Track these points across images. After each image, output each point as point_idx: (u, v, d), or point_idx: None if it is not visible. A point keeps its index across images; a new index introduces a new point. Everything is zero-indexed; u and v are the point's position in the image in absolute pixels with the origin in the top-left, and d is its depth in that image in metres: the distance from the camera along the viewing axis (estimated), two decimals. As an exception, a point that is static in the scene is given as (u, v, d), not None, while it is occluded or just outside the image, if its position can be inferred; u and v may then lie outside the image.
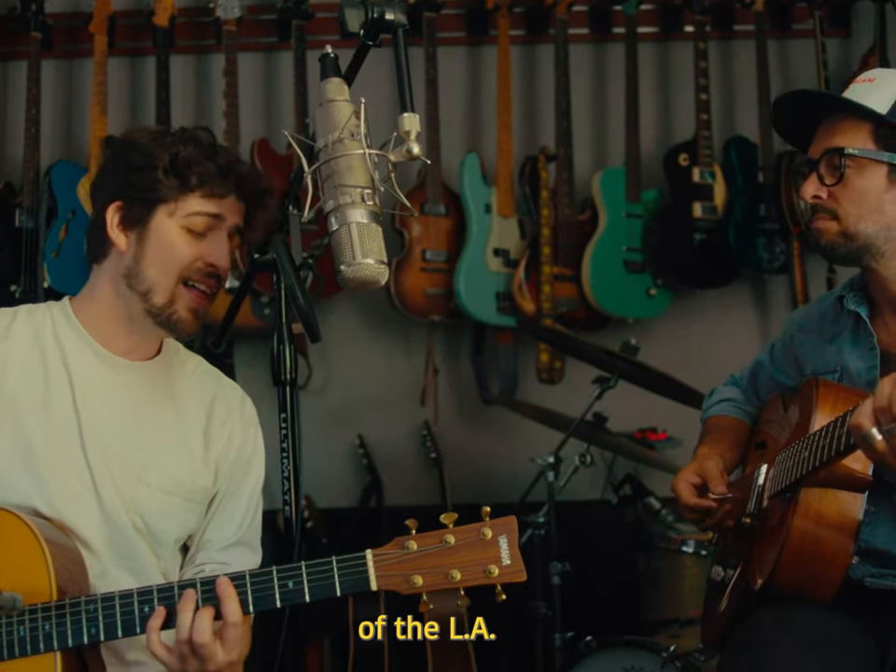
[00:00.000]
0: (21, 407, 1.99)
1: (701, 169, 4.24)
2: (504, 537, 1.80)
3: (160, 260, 2.02)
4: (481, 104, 4.50)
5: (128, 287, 2.04)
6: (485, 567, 1.78)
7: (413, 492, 4.28)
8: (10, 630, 1.80)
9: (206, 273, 2.04)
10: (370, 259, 1.62)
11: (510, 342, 4.31)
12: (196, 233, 2.03)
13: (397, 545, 1.80)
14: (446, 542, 1.79)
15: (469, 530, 1.80)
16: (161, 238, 2.02)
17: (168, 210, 2.02)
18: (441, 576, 1.78)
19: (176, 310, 2.03)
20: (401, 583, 1.79)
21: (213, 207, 2.03)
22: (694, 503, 2.34)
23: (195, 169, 2.00)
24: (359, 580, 1.79)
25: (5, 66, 4.46)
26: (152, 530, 2.07)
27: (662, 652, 2.76)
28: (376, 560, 1.79)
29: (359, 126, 1.67)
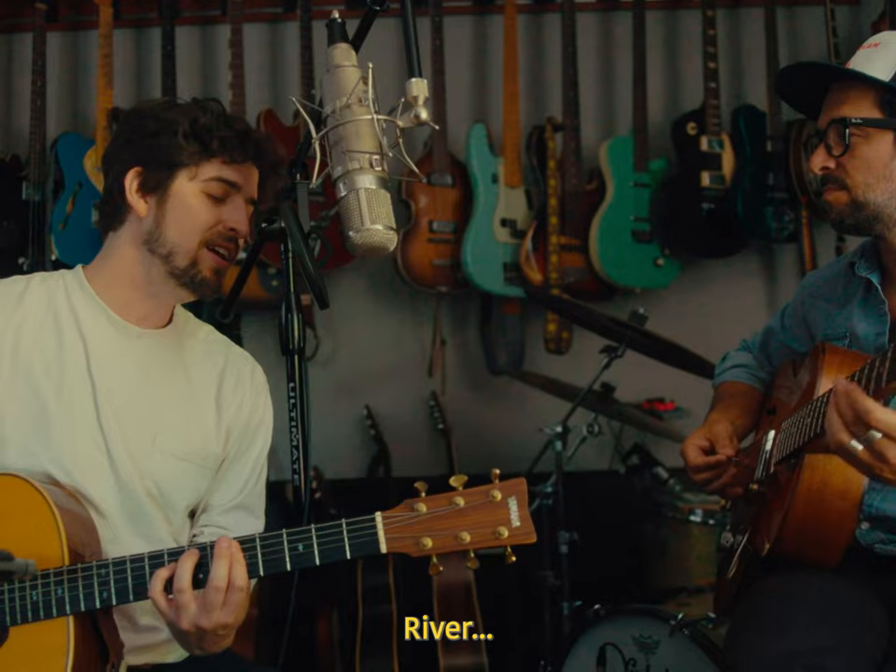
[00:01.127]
0: (36, 372, 2.00)
1: (709, 138, 4.22)
2: (514, 498, 1.79)
3: (180, 224, 2.04)
4: (487, 73, 4.48)
5: (149, 251, 2.05)
6: (495, 529, 1.78)
7: (420, 462, 4.29)
8: (24, 595, 1.81)
9: (226, 237, 2.06)
10: (378, 225, 1.62)
11: (517, 312, 4.31)
12: (215, 198, 2.05)
13: (406, 507, 1.80)
14: (455, 504, 1.78)
15: (478, 492, 1.80)
16: (182, 202, 2.04)
17: (189, 174, 2.04)
18: (451, 538, 1.78)
19: (200, 270, 2.05)
20: (411, 546, 1.79)
21: (232, 174, 2.05)
22: (702, 461, 2.35)
23: (216, 134, 2.03)
24: (369, 542, 1.79)
25: (10, 38, 4.46)
26: (165, 496, 2.08)
27: (670, 620, 2.75)
28: (385, 522, 1.79)
29: (367, 92, 1.67)
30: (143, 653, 2.04)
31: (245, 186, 2.08)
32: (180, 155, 2.03)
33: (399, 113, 1.65)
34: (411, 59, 1.65)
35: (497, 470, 1.81)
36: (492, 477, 1.80)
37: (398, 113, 1.66)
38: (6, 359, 1.99)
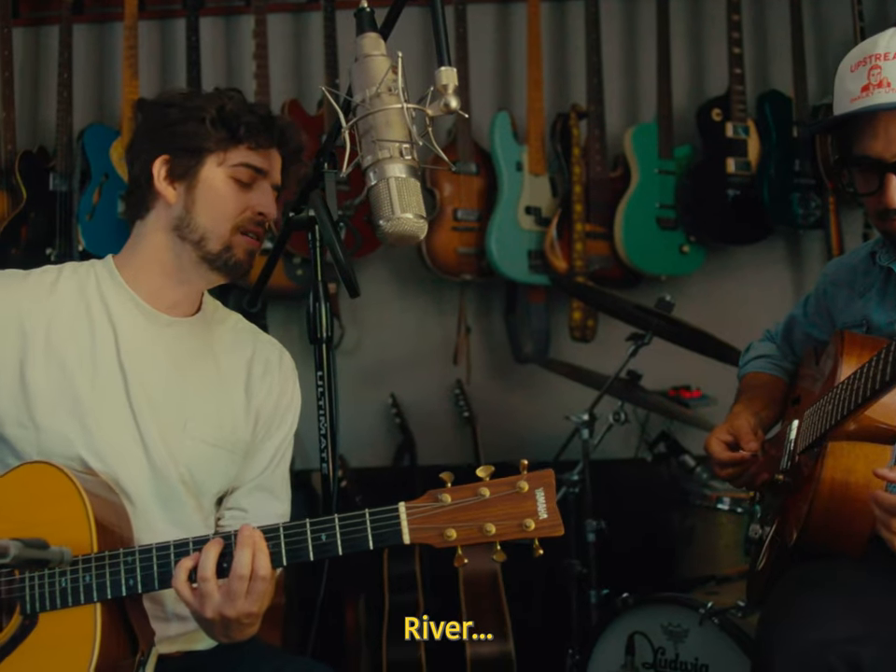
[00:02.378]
0: (69, 360, 2.02)
1: (734, 124, 4.20)
2: (541, 490, 1.77)
3: (211, 209, 2.05)
4: (511, 61, 4.47)
5: (179, 237, 2.07)
6: (521, 521, 1.75)
7: (445, 451, 4.29)
8: (52, 582, 1.83)
9: (256, 221, 2.08)
10: (408, 214, 1.62)
11: (542, 300, 4.31)
12: (242, 184, 2.06)
13: (430, 498, 1.78)
14: (481, 495, 1.76)
15: (504, 483, 1.77)
16: (211, 187, 2.05)
17: (217, 160, 2.05)
18: (476, 529, 1.76)
19: (234, 254, 2.07)
20: (435, 537, 1.77)
21: (258, 160, 2.07)
22: (727, 457, 2.34)
23: (242, 120, 2.05)
24: (392, 532, 1.78)
25: (36, 31, 4.47)
26: (197, 482, 2.09)
27: (699, 609, 2.75)
28: (409, 513, 1.78)
29: (397, 81, 1.66)
30: (173, 642, 2.05)
31: (270, 171, 2.10)
32: (208, 141, 2.04)
33: (428, 102, 1.65)
34: (440, 47, 1.65)
35: (526, 461, 1.78)
36: (520, 468, 1.78)
37: (427, 101, 1.65)
38: (39, 348, 2.01)
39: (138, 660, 1.86)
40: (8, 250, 4.06)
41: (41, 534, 1.73)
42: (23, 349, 2.00)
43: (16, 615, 1.83)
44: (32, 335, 2.01)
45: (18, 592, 1.83)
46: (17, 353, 2.00)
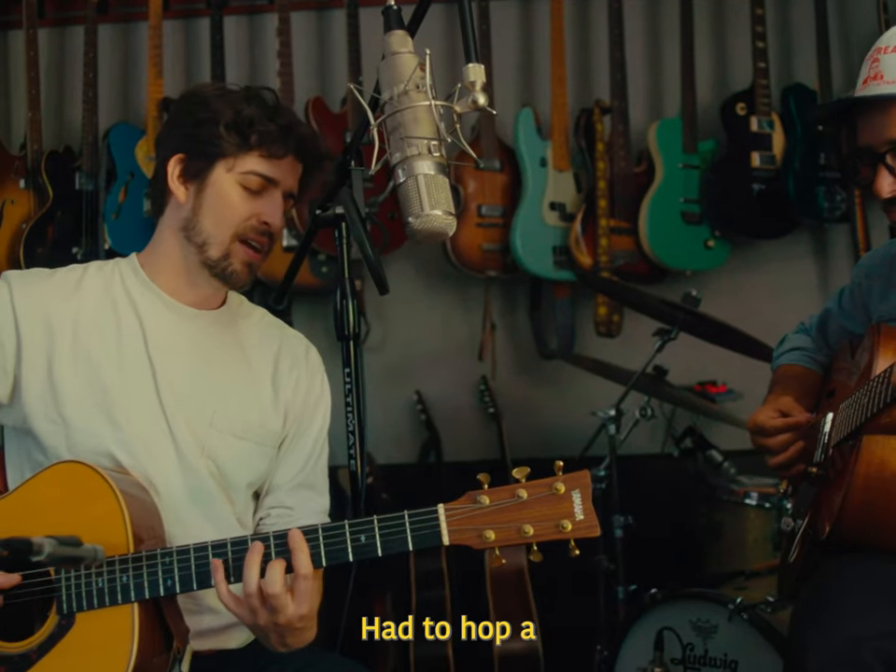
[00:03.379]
0: (97, 356, 2.03)
1: (759, 118, 4.18)
2: (577, 491, 1.78)
3: (215, 214, 2.06)
4: (534, 57, 4.46)
5: (186, 238, 2.08)
6: (558, 522, 1.76)
7: (471, 447, 4.30)
8: (89, 581, 1.84)
9: (260, 230, 2.08)
10: (437, 211, 1.62)
11: (567, 296, 4.30)
12: (251, 191, 2.06)
13: (468, 499, 1.79)
14: (518, 497, 1.77)
15: (541, 485, 1.78)
16: (219, 192, 2.06)
17: (227, 165, 2.06)
18: (514, 531, 1.77)
19: (231, 262, 2.07)
20: (473, 538, 1.78)
21: (269, 169, 2.07)
22: (781, 422, 2.32)
23: (256, 128, 2.04)
24: (431, 534, 1.79)
25: (62, 31, 4.50)
26: (226, 475, 2.10)
27: (728, 604, 2.75)
28: (448, 514, 1.79)
29: (425, 78, 1.66)
30: (206, 639, 2.06)
31: (282, 180, 2.09)
32: (220, 146, 2.05)
33: (455, 98, 1.65)
34: (467, 44, 1.64)
35: (561, 462, 1.79)
36: (555, 469, 1.79)
37: (454, 98, 1.65)
38: (66, 345, 2.02)
39: (173, 656, 1.88)
40: (35, 249, 4.08)
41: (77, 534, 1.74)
42: (51, 346, 2.02)
43: (52, 614, 1.85)
44: (59, 332, 2.03)
45: (54, 591, 1.85)
46: (44, 350, 2.01)
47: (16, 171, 4.19)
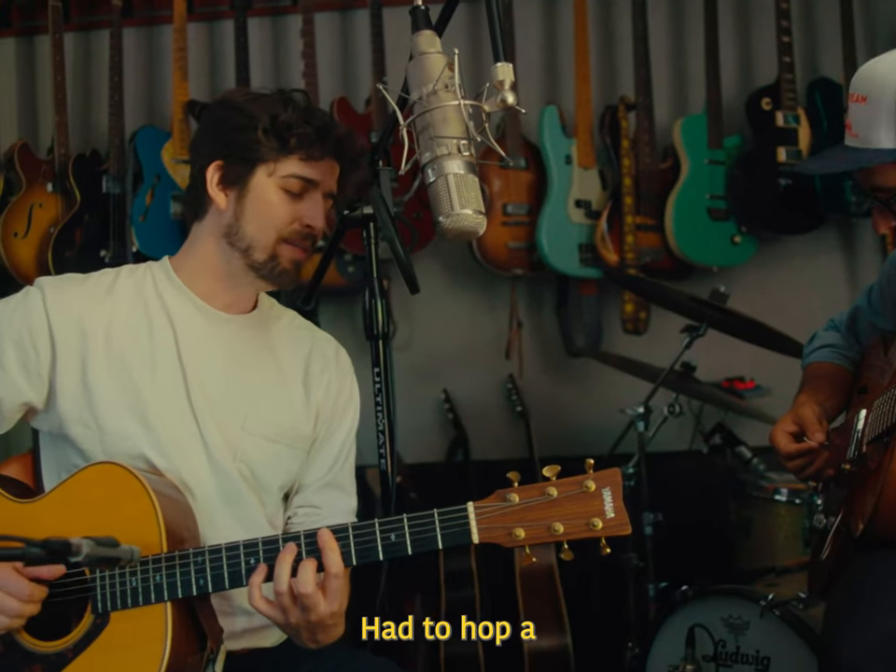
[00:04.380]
0: (129, 359, 2.05)
1: (785, 113, 4.16)
2: (608, 489, 1.77)
3: (258, 219, 2.07)
4: (557, 55, 4.46)
5: (228, 244, 2.09)
6: (588, 520, 1.76)
7: (499, 446, 4.30)
8: (124, 581, 1.85)
9: (303, 233, 2.09)
10: (468, 210, 1.62)
11: (593, 293, 4.29)
12: (292, 194, 2.07)
13: (498, 497, 1.79)
14: (548, 495, 1.77)
15: (571, 483, 1.78)
16: (260, 197, 2.06)
17: (267, 170, 2.06)
18: (544, 529, 1.77)
19: (279, 263, 2.08)
20: (503, 536, 1.78)
21: (309, 171, 2.07)
22: (794, 448, 2.32)
23: (294, 131, 2.04)
24: (461, 532, 1.79)
25: (87, 35, 4.53)
26: (258, 478, 2.11)
27: (760, 601, 2.74)
28: (478, 512, 1.79)
29: (453, 77, 1.66)
30: (240, 638, 2.07)
31: (322, 182, 2.10)
32: (259, 151, 2.05)
33: (484, 97, 1.65)
34: (495, 43, 1.65)
35: (591, 460, 1.78)
36: (586, 467, 1.79)
37: (483, 97, 1.66)
38: (99, 349, 2.04)
39: (207, 657, 1.89)
40: (63, 253, 4.11)
41: (111, 534, 1.75)
42: (84, 351, 2.03)
43: (87, 614, 1.86)
44: (92, 337, 2.04)
45: (89, 591, 1.87)
46: (78, 355, 2.03)
47: (43, 175, 4.22)
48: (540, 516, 1.77)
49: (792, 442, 2.33)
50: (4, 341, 2.01)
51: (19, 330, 2.01)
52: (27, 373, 2.01)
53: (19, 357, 2.01)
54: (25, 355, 2.01)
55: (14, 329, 2.02)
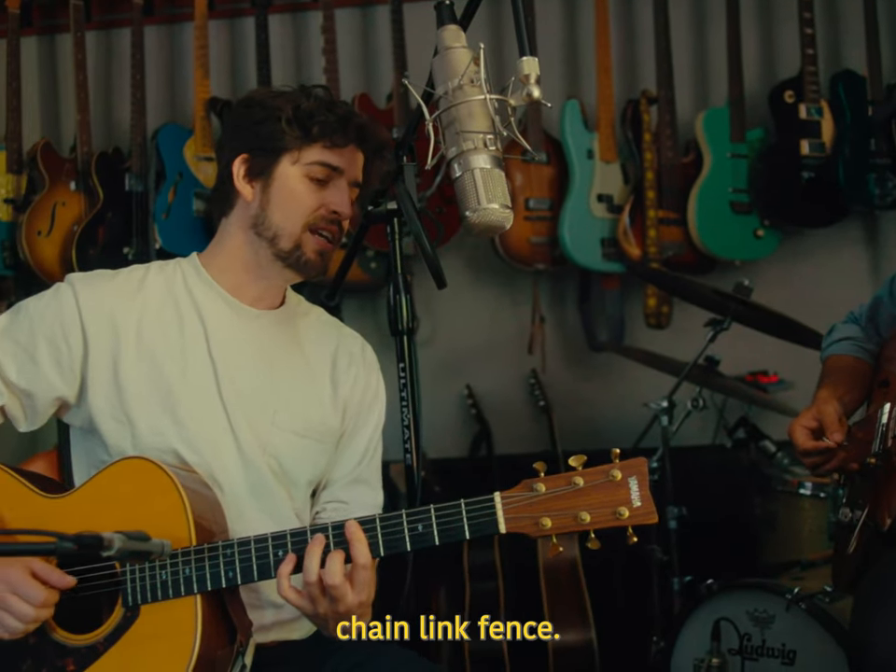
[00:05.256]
0: (160, 355, 2.06)
1: (808, 105, 4.14)
2: (634, 478, 1.78)
3: (284, 207, 2.09)
4: (578, 49, 4.45)
5: (256, 234, 2.11)
6: (615, 509, 1.76)
7: (522, 440, 4.30)
8: (153, 574, 1.87)
9: (329, 219, 2.10)
10: (494, 204, 1.63)
11: (616, 287, 4.29)
12: (317, 181, 2.09)
13: (525, 487, 1.79)
14: (575, 484, 1.78)
15: (598, 472, 1.78)
16: (285, 185, 2.09)
17: (291, 159, 2.08)
18: (570, 518, 1.77)
19: (304, 253, 2.10)
20: (530, 526, 1.79)
21: (333, 158, 2.09)
22: (811, 446, 2.32)
23: (316, 119, 2.07)
24: (488, 522, 1.80)
25: (108, 34, 4.56)
26: (287, 472, 2.13)
27: (786, 594, 2.73)
28: (504, 502, 1.79)
29: (479, 72, 1.67)
30: (270, 631, 2.08)
31: (347, 169, 2.12)
32: (283, 140, 2.07)
33: (510, 92, 1.66)
34: (521, 37, 1.66)
35: (618, 450, 1.79)
36: (612, 456, 1.79)
37: (508, 92, 1.66)
38: (131, 344, 2.05)
39: (237, 649, 1.90)
40: (87, 251, 4.14)
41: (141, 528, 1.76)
42: (116, 346, 2.05)
43: (118, 607, 1.88)
44: (123, 332, 2.06)
45: (119, 584, 1.88)
46: (110, 351, 2.04)
47: (66, 173, 4.25)
48: (567, 506, 1.78)
49: (811, 439, 2.32)
50: (37, 337, 2.03)
51: (51, 326, 2.03)
52: (60, 369, 2.03)
53: (51, 352, 2.03)
54: (58, 350, 2.03)
55: (46, 324, 2.03)
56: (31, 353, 2.03)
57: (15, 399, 2.05)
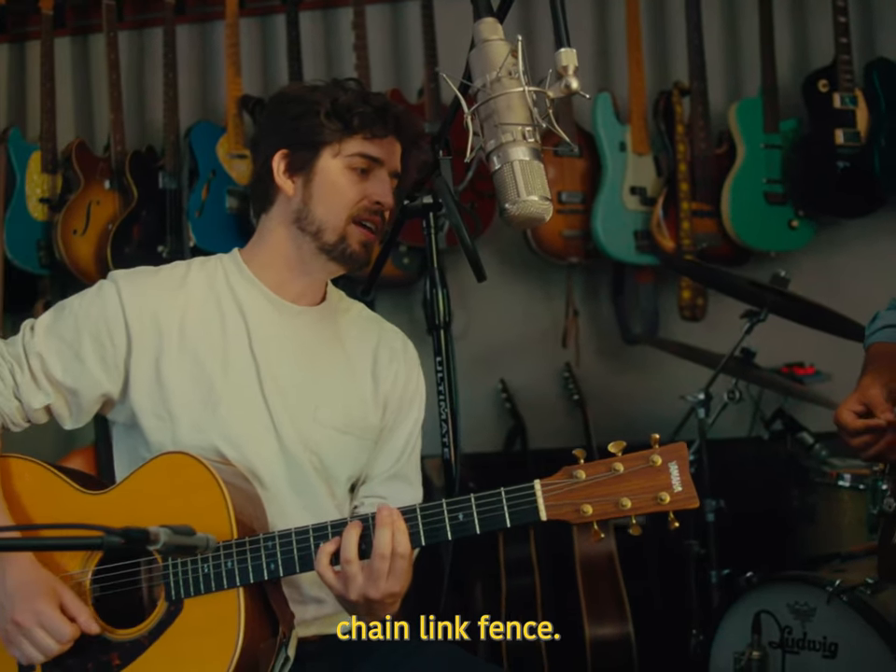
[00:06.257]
0: (202, 351, 2.07)
1: (842, 94, 4.10)
2: (674, 463, 1.77)
3: (327, 200, 2.09)
4: (610, 41, 4.43)
5: (299, 229, 2.11)
6: (656, 495, 1.76)
7: (557, 434, 4.29)
8: (196, 568, 1.88)
9: (372, 210, 2.11)
10: (534, 196, 1.62)
11: (650, 280, 4.27)
12: (359, 172, 2.09)
13: (565, 474, 1.79)
14: (615, 470, 1.77)
15: (638, 457, 1.78)
16: (327, 179, 2.09)
17: (332, 151, 2.09)
18: (611, 504, 1.77)
19: (349, 245, 2.10)
20: (571, 513, 1.78)
21: (373, 149, 2.10)
22: (861, 424, 2.28)
23: (355, 111, 2.07)
24: (529, 510, 1.79)
25: (140, 33, 4.59)
26: (328, 468, 2.13)
27: (827, 587, 2.71)
28: (545, 490, 1.79)
29: (517, 64, 1.66)
30: (311, 626, 2.09)
31: (387, 160, 2.12)
32: (323, 134, 2.08)
33: (548, 84, 1.65)
34: (558, 29, 1.65)
35: (657, 435, 1.78)
36: (651, 442, 1.79)
37: (546, 84, 1.65)
38: (173, 341, 2.07)
39: (279, 642, 1.90)
40: (122, 249, 4.17)
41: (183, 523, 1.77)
42: (159, 343, 2.06)
43: (161, 601, 1.89)
44: (166, 329, 2.07)
45: (162, 578, 1.89)
46: (153, 347, 2.06)
47: (101, 172, 4.28)
48: (608, 492, 1.77)
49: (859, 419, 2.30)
50: (81, 334, 2.04)
51: (95, 323, 2.05)
52: (105, 365, 2.05)
53: (96, 349, 2.04)
54: (102, 347, 2.04)
55: (91, 322, 2.05)
56: (76, 350, 2.04)
57: (61, 398, 2.07)
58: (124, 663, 1.88)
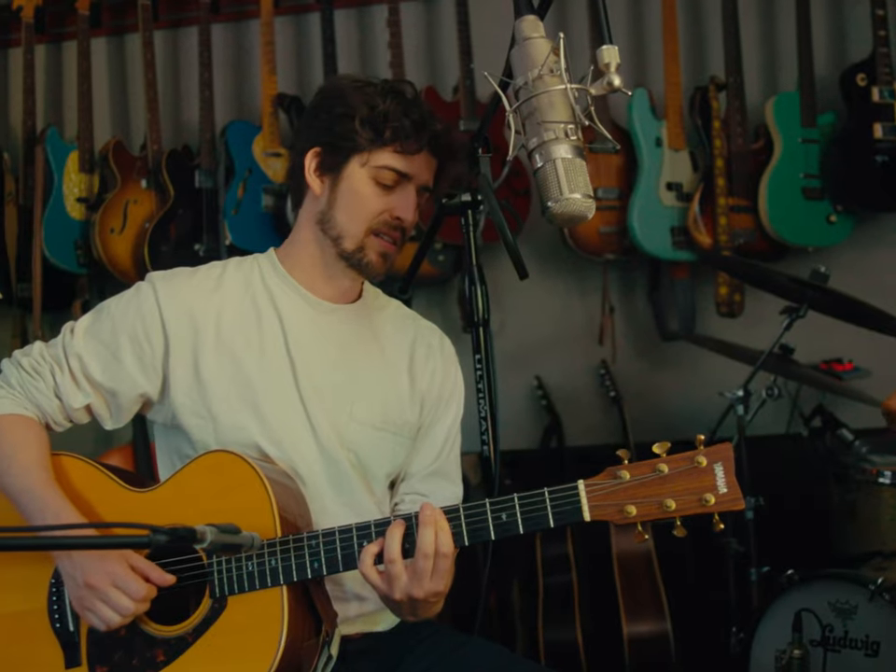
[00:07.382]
0: (239, 350, 2.08)
1: (880, 88, 4.06)
2: (720, 464, 1.76)
3: (349, 208, 2.09)
4: (645, 37, 4.41)
5: (322, 231, 2.12)
6: (701, 496, 1.75)
7: (593, 431, 4.28)
8: (240, 566, 1.89)
9: (392, 225, 2.09)
10: (576, 194, 1.61)
11: (686, 276, 4.24)
12: (384, 186, 2.08)
13: (609, 475, 1.79)
14: (659, 471, 1.77)
15: (682, 458, 1.77)
16: (352, 186, 2.08)
17: (361, 160, 2.07)
18: (655, 505, 1.76)
19: (367, 254, 2.10)
20: (614, 513, 1.78)
21: (402, 164, 2.07)
22: None
23: (390, 124, 2.05)
24: (572, 510, 1.79)
25: (175, 33, 4.62)
26: (365, 466, 2.14)
27: (869, 585, 2.70)
28: (589, 490, 1.79)
29: (558, 62, 1.66)
30: (354, 623, 2.10)
31: (417, 175, 2.10)
32: (354, 140, 2.06)
33: (589, 81, 1.64)
34: (601, 26, 1.65)
35: (702, 436, 1.77)
36: (696, 442, 1.78)
37: (588, 81, 1.65)
38: (210, 341, 2.08)
39: (322, 639, 1.91)
40: (159, 248, 4.19)
41: (228, 521, 1.78)
42: (196, 343, 2.07)
43: (206, 598, 1.90)
44: (203, 329, 2.08)
45: (207, 576, 1.90)
46: (191, 347, 2.07)
47: (137, 171, 4.32)
48: (652, 493, 1.77)
49: None
50: (119, 335, 2.06)
51: (133, 324, 2.06)
52: (142, 366, 2.06)
53: (134, 350, 2.06)
54: (140, 348, 2.06)
55: (129, 323, 2.07)
56: (114, 351, 2.06)
57: (100, 398, 2.09)
58: (168, 659, 1.90)
